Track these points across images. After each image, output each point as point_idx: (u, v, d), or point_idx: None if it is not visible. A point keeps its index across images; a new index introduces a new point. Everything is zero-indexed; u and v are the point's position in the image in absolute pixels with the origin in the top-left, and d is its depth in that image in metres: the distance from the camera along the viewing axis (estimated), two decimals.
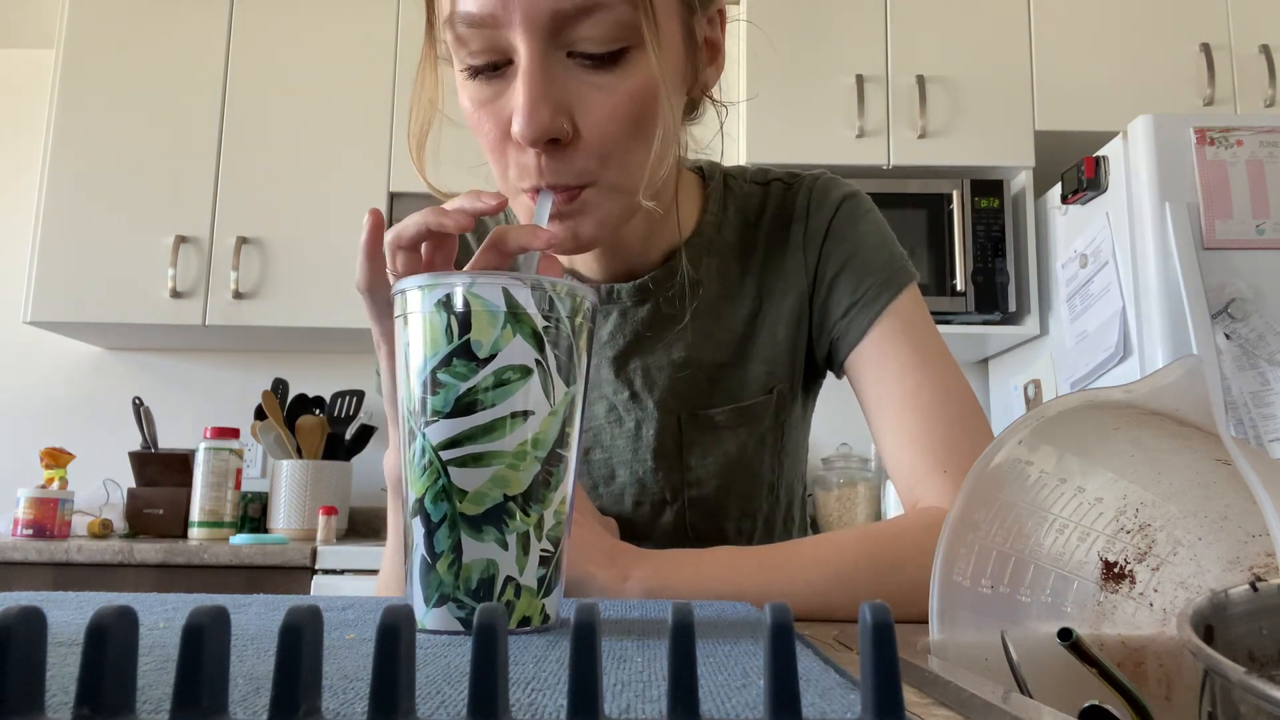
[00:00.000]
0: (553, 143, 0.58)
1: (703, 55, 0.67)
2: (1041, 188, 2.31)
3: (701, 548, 0.63)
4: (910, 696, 0.32)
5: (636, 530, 0.77)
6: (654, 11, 0.57)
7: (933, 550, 0.43)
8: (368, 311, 0.57)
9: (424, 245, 0.54)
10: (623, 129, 0.59)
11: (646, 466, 0.76)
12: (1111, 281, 1.93)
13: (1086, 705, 0.36)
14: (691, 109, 0.72)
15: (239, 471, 2.22)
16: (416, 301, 0.43)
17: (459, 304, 0.42)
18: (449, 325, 0.42)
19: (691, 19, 0.64)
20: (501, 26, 0.57)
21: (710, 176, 0.79)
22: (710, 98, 0.71)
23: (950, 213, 2.25)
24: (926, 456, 0.68)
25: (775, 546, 0.63)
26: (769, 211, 0.78)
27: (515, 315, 0.42)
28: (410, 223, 0.53)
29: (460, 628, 0.41)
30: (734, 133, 0.67)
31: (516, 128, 0.57)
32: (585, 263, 0.76)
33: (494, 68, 0.59)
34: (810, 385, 0.82)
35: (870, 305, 0.73)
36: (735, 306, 0.76)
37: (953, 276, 2.22)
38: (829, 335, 0.76)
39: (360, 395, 2.46)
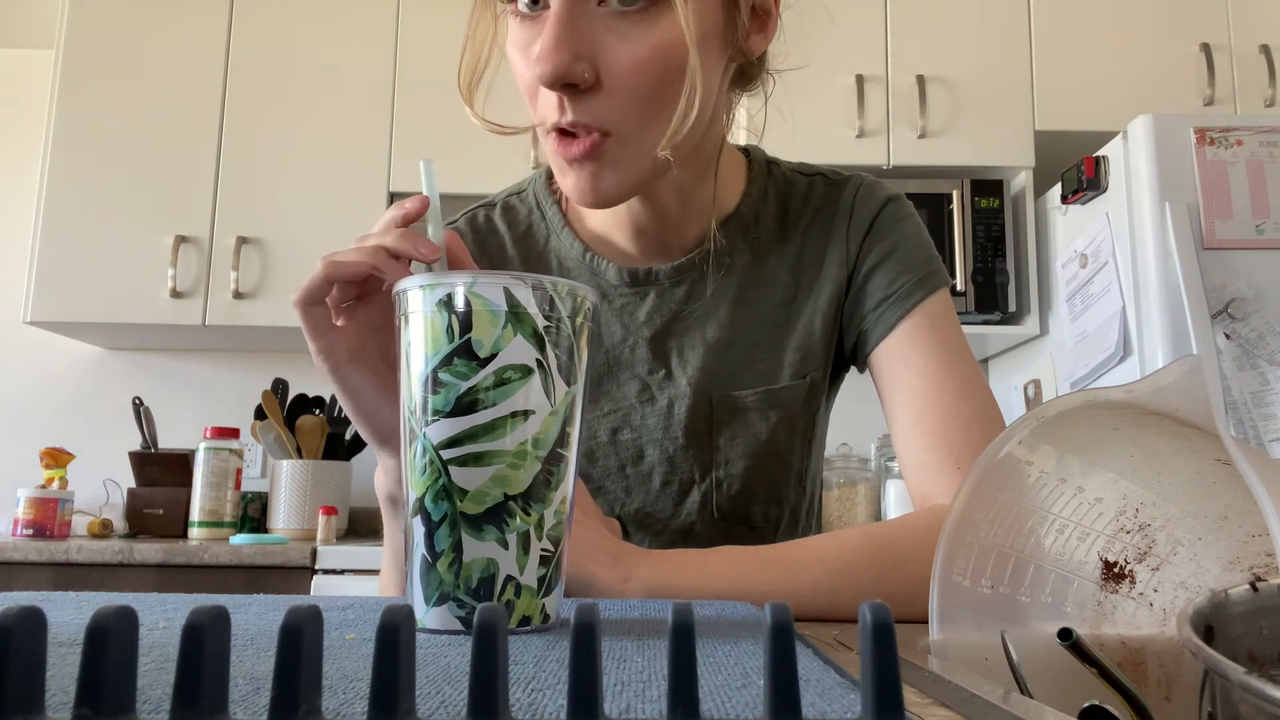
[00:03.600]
0: (571, 88, 0.60)
1: (745, 21, 0.66)
2: (1041, 188, 2.31)
3: (727, 531, 0.64)
4: (910, 696, 0.32)
5: (662, 511, 0.78)
6: None
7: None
8: (304, 327, 0.55)
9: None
10: (646, 81, 0.60)
11: (677, 444, 0.76)
12: (1111, 281, 1.93)
13: (1086, 705, 0.36)
14: (745, 80, 0.73)
15: (239, 471, 2.22)
16: (418, 301, 0.43)
17: (460, 303, 0.42)
18: (450, 325, 0.42)
19: None
20: None
21: (755, 160, 0.80)
22: (760, 64, 0.72)
23: (950, 213, 2.25)
24: (941, 452, 0.69)
25: (778, 546, 0.63)
26: (812, 203, 0.79)
27: (516, 315, 0.42)
28: (320, 276, 0.52)
29: (460, 627, 0.41)
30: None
31: (537, 69, 0.59)
32: (624, 244, 0.76)
33: (533, 10, 0.61)
34: (835, 377, 0.83)
35: (903, 301, 0.74)
36: (769, 290, 0.77)
37: (953, 276, 2.22)
38: (858, 326, 0.77)
39: None
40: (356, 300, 0.56)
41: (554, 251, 0.78)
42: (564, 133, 0.62)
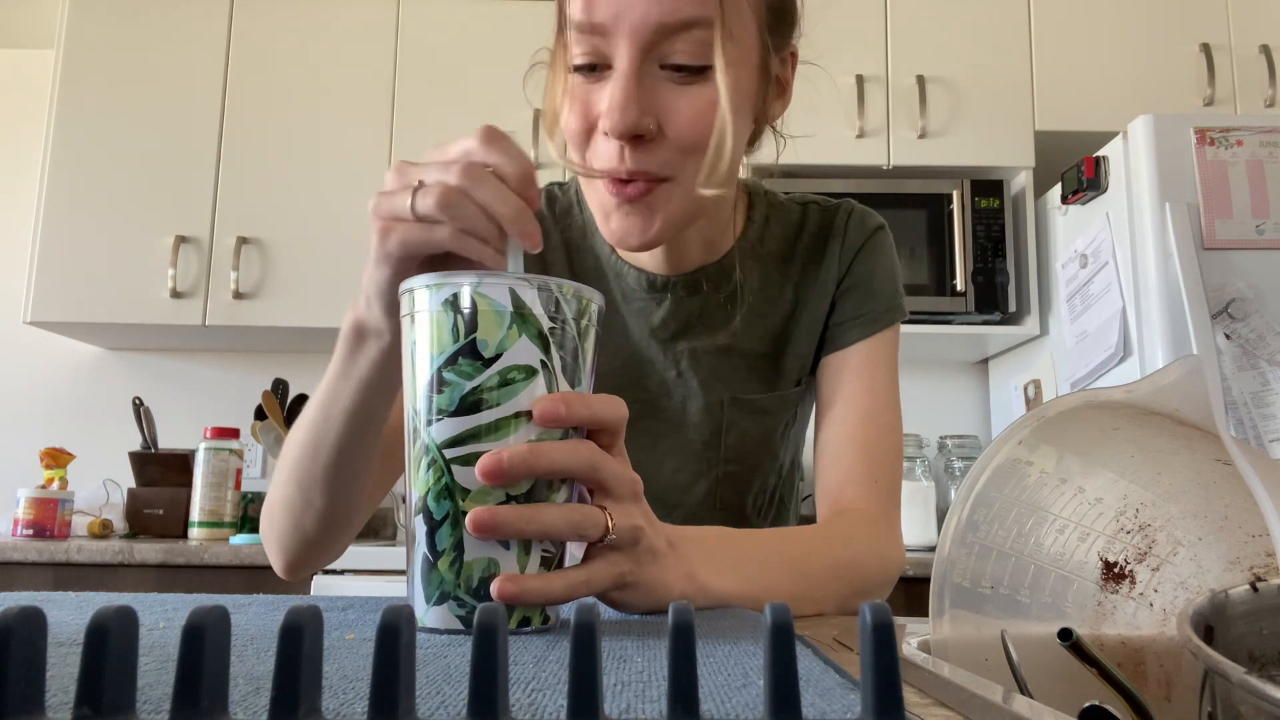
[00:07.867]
0: (636, 139, 0.66)
1: (773, 90, 0.76)
2: (1041, 188, 2.31)
3: (725, 517, 0.78)
4: (910, 696, 0.32)
5: (671, 497, 0.84)
6: (735, 41, 0.67)
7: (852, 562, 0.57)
8: (378, 276, 0.51)
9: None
10: (700, 134, 0.67)
11: (689, 439, 0.84)
12: (1111, 281, 1.93)
13: (1086, 705, 0.36)
14: (752, 139, 0.80)
15: (239, 471, 2.22)
16: (424, 301, 0.43)
17: (466, 303, 0.42)
18: (455, 324, 0.42)
19: (769, 57, 0.73)
20: (608, 35, 0.65)
21: (755, 192, 0.88)
22: (773, 128, 0.81)
23: (950, 213, 2.25)
24: (867, 464, 0.77)
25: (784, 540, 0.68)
26: (809, 228, 0.86)
27: (521, 315, 0.42)
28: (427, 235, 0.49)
29: (460, 626, 0.41)
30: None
31: (608, 123, 0.65)
32: (651, 257, 0.82)
33: (591, 69, 0.67)
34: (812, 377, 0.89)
35: (868, 325, 0.83)
36: (774, 306, 0.85)
37: (953, 276, 2.22)
38: (827, 333, 0.85)
39: None
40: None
41: (588, 246, 0.85)
42: (618, 180, 0.68)
